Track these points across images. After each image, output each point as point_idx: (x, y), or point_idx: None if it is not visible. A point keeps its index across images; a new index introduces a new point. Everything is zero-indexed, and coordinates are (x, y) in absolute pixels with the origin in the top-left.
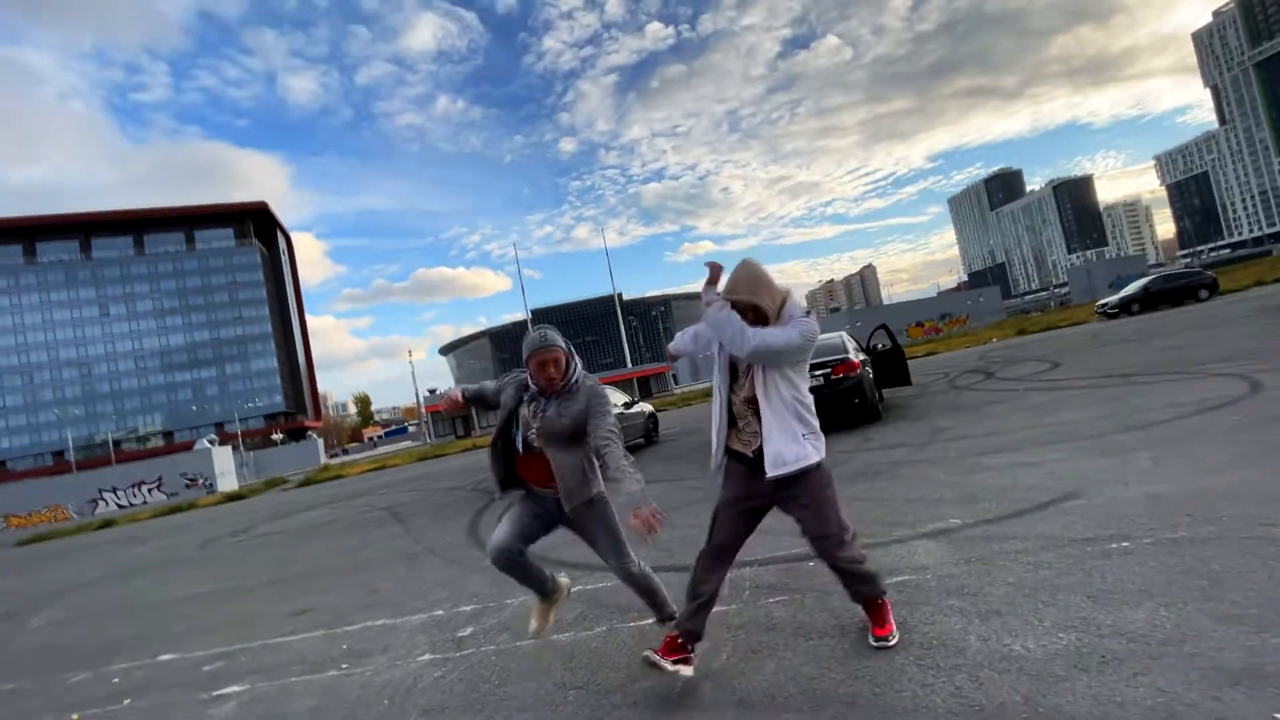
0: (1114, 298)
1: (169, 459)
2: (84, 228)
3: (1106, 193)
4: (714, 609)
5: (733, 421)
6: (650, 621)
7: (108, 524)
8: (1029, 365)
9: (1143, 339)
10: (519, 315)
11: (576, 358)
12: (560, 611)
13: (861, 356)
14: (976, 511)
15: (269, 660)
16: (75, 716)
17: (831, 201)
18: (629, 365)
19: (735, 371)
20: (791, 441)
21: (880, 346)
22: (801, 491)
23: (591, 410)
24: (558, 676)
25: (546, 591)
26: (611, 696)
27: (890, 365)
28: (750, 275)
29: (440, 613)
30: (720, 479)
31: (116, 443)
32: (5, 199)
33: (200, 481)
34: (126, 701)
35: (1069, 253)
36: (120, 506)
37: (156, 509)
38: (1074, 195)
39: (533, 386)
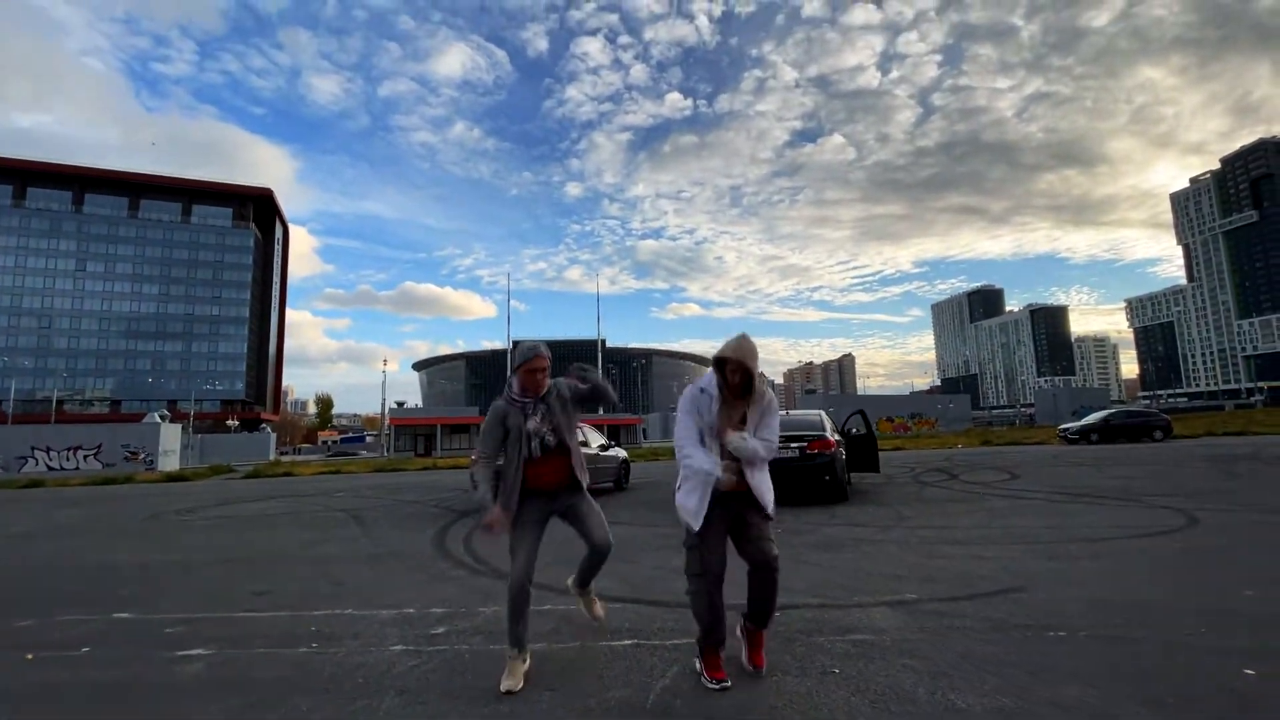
0: (1075, 424)
1: (112, 427)
2: (80, 181)
3: (1079, 325)
4: (684, 640)
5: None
6: (629, 643)
7: (35, 484)
8: (991, 473)
9: (1097, 466)
10: (499, 344)
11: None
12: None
13: (836, 437)
14: (932, 590)
15: (233, 631)
16: (30, 656)
17: (819, 288)
18: (600, 412)
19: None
20: (769, 489)
21: (855, 431)
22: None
23: (571, 397)
24: (532, 679)
25: (524, 645)
26: (586, 701)
27: (862, 450)
28: (751, 348)
29: (411, 610)
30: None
31: (59, 402)
32: (1, 141)
33: (141, 456)
34: (85, 649)
35: (1038, 375)
36: (50, 468)
37: (90, 477)
38: (1049, 322)
39: (519, 400)
